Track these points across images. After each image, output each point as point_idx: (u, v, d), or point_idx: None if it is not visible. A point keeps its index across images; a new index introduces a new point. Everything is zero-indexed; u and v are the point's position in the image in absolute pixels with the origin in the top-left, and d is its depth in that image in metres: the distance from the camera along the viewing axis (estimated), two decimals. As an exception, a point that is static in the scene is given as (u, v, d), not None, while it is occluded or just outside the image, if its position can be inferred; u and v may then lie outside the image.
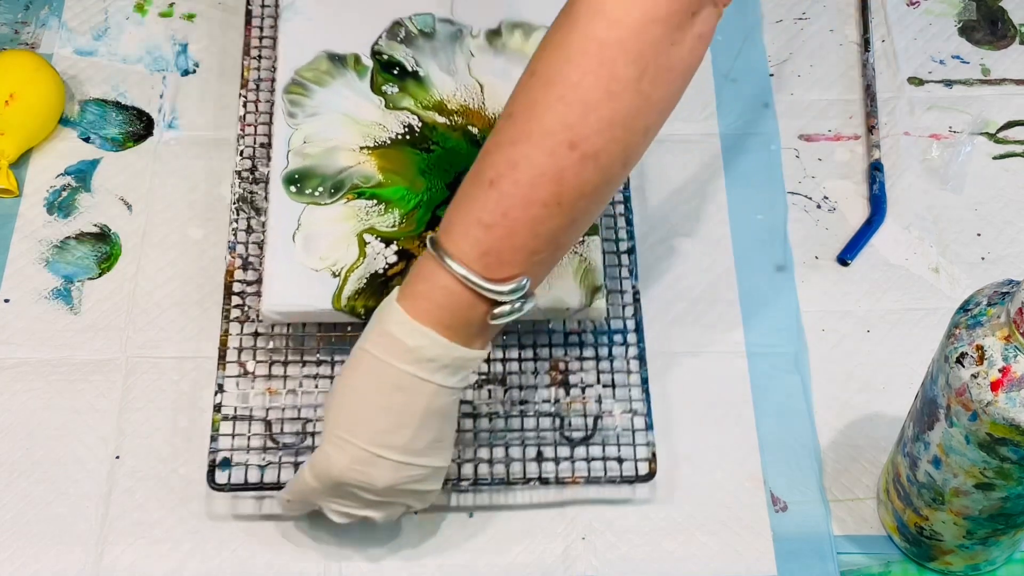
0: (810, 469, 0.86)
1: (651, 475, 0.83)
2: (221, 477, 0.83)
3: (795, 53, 1.05)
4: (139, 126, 1.01)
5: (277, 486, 0.82)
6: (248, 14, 1.01)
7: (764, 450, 0.86)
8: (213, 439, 0.83)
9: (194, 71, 1.04)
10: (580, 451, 0.84)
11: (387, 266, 0.86)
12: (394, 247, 0.86)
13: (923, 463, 0.75)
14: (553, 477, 0.83)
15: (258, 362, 0.87)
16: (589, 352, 0.88)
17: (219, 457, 0.83)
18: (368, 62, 0.95)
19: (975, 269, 0.94)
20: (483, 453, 0.84)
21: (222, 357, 0.86)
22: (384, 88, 0.93)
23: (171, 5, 1.08)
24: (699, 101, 1.02)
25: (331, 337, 0.87)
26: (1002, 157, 1.00)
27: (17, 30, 1.07)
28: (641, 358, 0.87)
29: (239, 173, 0.94)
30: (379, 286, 0.85)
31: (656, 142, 0.98)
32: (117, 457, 0.86)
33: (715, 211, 0.97)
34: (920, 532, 0.79)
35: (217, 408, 0.85)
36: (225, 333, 0.87)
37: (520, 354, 0.88)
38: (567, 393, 0.86)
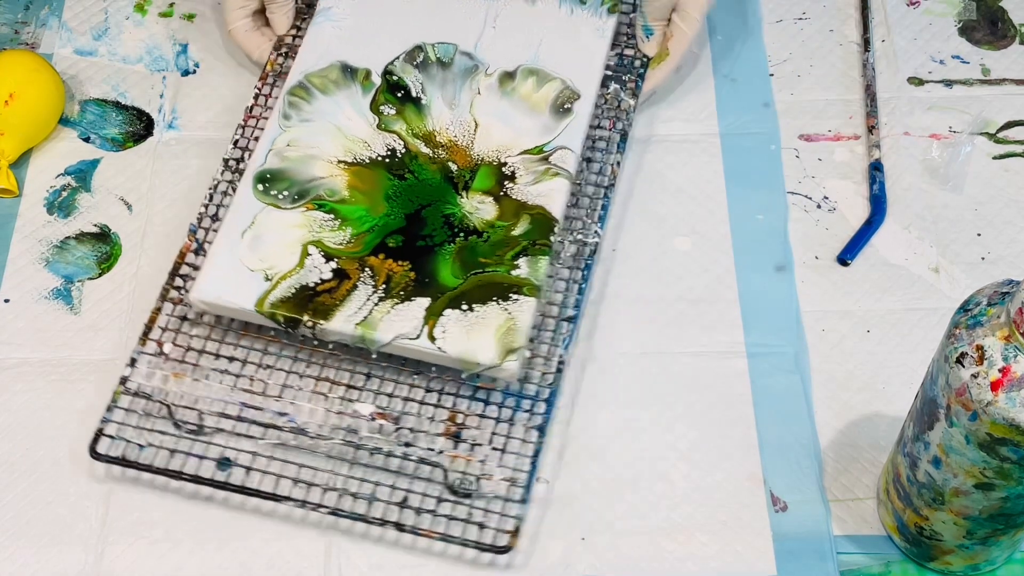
0: (810, 469, 0.86)
1: (507, 548, 0.80)
2: (102, 447, 0.83)
3: (795, 53, 1.05)
4: (139, 126, 1.01)
5: (154, 468, 0.82)
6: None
7: (764, 450, 0.86)
8: (109, 410, 0.84)
9: (194, 71, 1.04)
10: (446, 507, 0.82)
11: (319, 281, 0.86)
12: (332, 264, 0.86)
13: (923, 463, 0.75)
14: (410, 525, 0.81)
15: (175, 346, 0.87)
16: (492, 411, 0.85)
17: (107, 428, 0.84)
18: (377, 80, 0.95)
19: (975, 269, 0.94)
20: (352, 485, 0.82)
21: (145, 333, 0.87)
22: (382, 108, 0.94)
23: (171, 5, 1.08)
24: (699, 101, 1.02)
25: (251, 337, 0.87)
26: (1002, 157, 1.00)
27: (17, 30, 1.06)
28: (541, 430, 0.83)
29: (226, 161, 0.94)
30: (305, 299, 0.85)
31: (656, 142, 1.00)
32: (117, 457, 0.86)
33: (715, 211, 0.97)
34: (920, 532, 0.79)
35: (123, 381, 0.85)
36: (156, 311, 0.88)
37: (423, 397, 0.85)
38: (455, 446, 0.84)
